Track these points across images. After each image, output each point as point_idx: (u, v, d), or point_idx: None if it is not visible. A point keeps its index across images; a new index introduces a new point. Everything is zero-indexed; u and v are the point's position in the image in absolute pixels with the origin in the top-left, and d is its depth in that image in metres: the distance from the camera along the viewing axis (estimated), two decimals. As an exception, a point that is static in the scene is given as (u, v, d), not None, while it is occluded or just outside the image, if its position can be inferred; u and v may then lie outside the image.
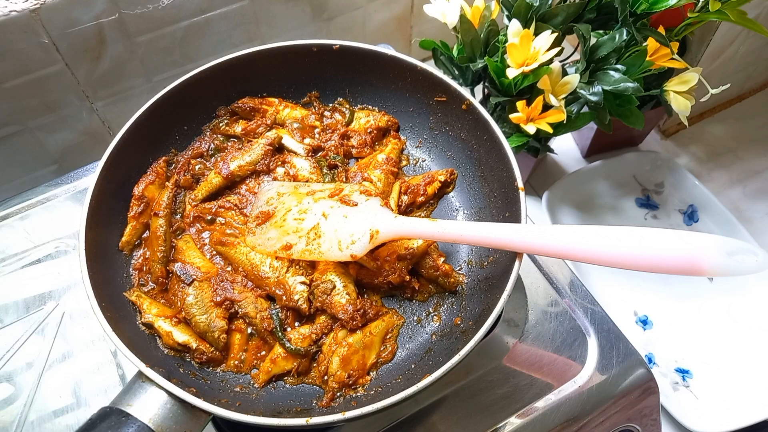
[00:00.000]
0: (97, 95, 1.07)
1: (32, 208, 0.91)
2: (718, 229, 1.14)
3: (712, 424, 0.94)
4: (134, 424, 0.57)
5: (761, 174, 1.31)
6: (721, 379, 1.00)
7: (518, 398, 0.75)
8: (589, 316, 0.82)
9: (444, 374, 0.59)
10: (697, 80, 0.92)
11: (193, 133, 0.88)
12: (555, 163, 1.30)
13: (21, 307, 0.82)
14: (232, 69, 0.84)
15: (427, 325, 0.75)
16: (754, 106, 1.41)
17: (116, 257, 0.76)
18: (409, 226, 0.68)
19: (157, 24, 1.02)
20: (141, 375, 0.60)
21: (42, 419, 0.74)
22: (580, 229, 0.59)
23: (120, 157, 0.75)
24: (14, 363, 0.78)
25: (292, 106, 0.90)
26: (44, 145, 1.09)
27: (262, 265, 0.74)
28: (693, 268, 0.52)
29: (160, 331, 0.70)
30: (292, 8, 1.14)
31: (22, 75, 0.96)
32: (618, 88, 0.91)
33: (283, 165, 0.84)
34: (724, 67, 1.22)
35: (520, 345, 0.79)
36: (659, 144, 1.34)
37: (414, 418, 0.73)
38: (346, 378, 0.68)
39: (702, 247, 0.51)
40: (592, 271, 1.11)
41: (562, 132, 0.99)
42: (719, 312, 1.08)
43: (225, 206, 0.81)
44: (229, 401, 0.64)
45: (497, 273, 0.72)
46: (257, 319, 0.71)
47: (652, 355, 1.04)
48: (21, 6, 0.88)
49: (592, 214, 1.19)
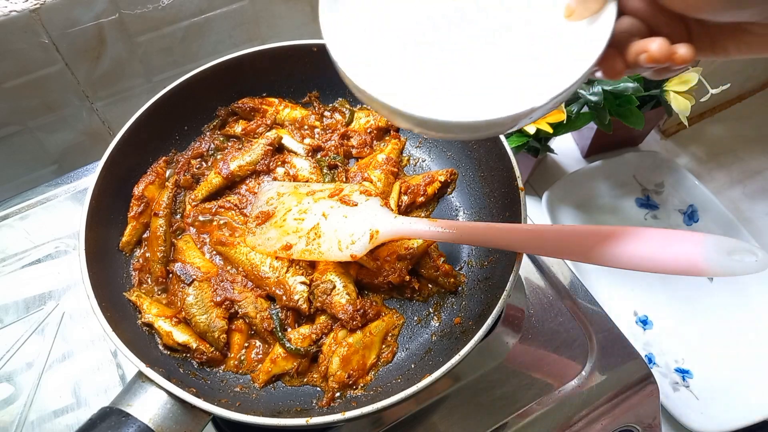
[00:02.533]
0: (97, 95, 1.07)
1: (32, 208, 0.91)
2: (718, 229, 1.14)
3: (712, 424, 0.93)
4: (134, 424, 0.57)
5: (761, 174, 1.31)
6: (721, 379, 1.00)
7: (518, 398, 0.75)
8: (589, 316, 0.82)
9: (444, 374, 0.59)
10: (697, 80, 0.92)
11: (193, 133, 0.88)
12: (555, 163, 1.30)
13: (21, 307, 0.82)
14: (232, 69, 0.84)
15: (427, 325, 0.75)
16: (754, 106, 1.40)
17: (116, 257, 0.76)
18: (409, 226, 0.68)
19: (157, 24, 1.02)
20: (141, 375, 0.60)
21: (42, 419, 0.74)
22: (580, 229, 0.59)
23: (120, 157, 0.75)
24: (14, 363, 0.78)
25: (292, 106, 0.90)
26: (44, 145, 1.09)
27: (262, 265, 0.74)
28: (693, 268, 0.52)
29: (160, 331, 0.70)
30: (292, 8, 1.14)
31: (22, 75, 0.96)
32: (618, 88, 0.91)
33: (283, 165, 0.84)
34: (724, 67, 1.22)
35: (520, 345, 0.79)
36: (659, 144, 1.34)
37: (414, 418, 0.73)
38: (346, 378, 0.68)
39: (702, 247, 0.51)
40: (592, 271, 1.11)
41: (562, 132, 0.99)
42: (719, 312, 1.08)
43: (225, 206, 0.81)
44: (229, 401, 0.64)
45: (497, 273, 0.72)
46: (257, 319, 0.71)
47: (652, 355, 1.04)
48: (21, 6, 0.88)
49: (592, 214, 1.19)
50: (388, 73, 0.52)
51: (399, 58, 0.52)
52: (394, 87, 0.51)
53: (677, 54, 0.42)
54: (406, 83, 0.51)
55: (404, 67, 0.52)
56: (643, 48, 0.43)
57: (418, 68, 0.52)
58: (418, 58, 0.52)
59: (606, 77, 0.48)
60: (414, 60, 0.52)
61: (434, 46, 0.52)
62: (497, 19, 0.52)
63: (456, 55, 0.52)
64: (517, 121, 0.48)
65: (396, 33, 0.53)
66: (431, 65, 0.52)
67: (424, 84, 0.51)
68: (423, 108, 0.47)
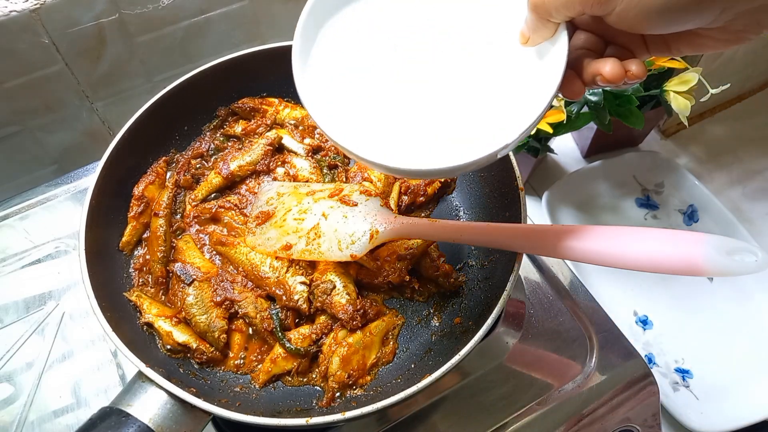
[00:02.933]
0: (97, 95, 1.07)
1: (32, 208, 0.91)
2: (718, 229, 1.14)
3: (712, 424, 0.93)
4: (134, 424, 0.57)
5: (761, 174, 1.31)
6: (721, 379, 1.00)
7: (518, 398, 0.75)
8: (589, 316, 0.82)
9: (444, 374, 0.59)
10: (697, 80, 0.92)
11: (193, 133, 0.88)
12: (555, 163, 1.30)
13: (21, 307, 0.82)
14: (232, 69, 0.84)
15: (427, 325, 0.75)
16: (754, 106, 1.40)
17: (116, 257, 0.76)
18: (409, 226, 0.68)
19: (157, 24, 1.02)
20: (141, 375, 0.60)
21: (42, 419, 0.74)
22: (580, 229, 0.59)
23: (120, 157, 0.75)
24: (14, 363, 0.78)
25: (292, 106, 0.90)
26: (44, 145, 1.09)
27: (262, 265, 0.74)
28: (692, 268, 0.52)
29: (160, 331, 0.70)
30: (292, 8, 1.14)
31: (22, 75, 0.96)
32: (618, 88, 0.91)
33: (283, 165, 0.84)
34: (724, 67, 1.22)
35: (520, 345, 0.79)
36: (659, 144, 1.34)
37: (414, 418, 0.73)
38: (346, 378, 0.68)
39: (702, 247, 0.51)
40: (592, 271, 1.11)
41: (562, 132, 0.99)
42: (719, 312, 1.08)
43: (225, 206, 0.81)
44: (229, 401, 0.64)
45: (497, 273, 0.72)
46: (257, 319, 0.71)
47: (652, 355, 1.04)
48: (21, 6, 0.88)
49: (592, 214, 1.19)
50: (362, 125, 0.54)
51: (370, 111, 0.55)
52: (370, 139, 0.53)
53: (630, 72, 0.46)
54: (380, 134, 0.54)
55: (376, 118, 0.55)
56: (597, 71, 0.47)
57: (389, 119, 0.54)
58: (387, 109, 0.54)
59: (567, 98, 0.50)
60: (383, 111, 0.55)
61: (402, 96, 0.55)
62: (461, 59, 0.54)
63: (425, 103, 0.54)
64: (494, 158, 0.50)
65: (364, 86, 0.56)
66: (401, 115, 0.54)
67: (397, 134, 0.54)
68: (400, 159, 0.51)
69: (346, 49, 0.56)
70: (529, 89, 0.50)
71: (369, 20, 0.56)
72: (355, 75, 0.55)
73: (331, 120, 0.53)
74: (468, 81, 0.53)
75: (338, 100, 0.55)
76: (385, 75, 0.55)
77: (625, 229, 0.56)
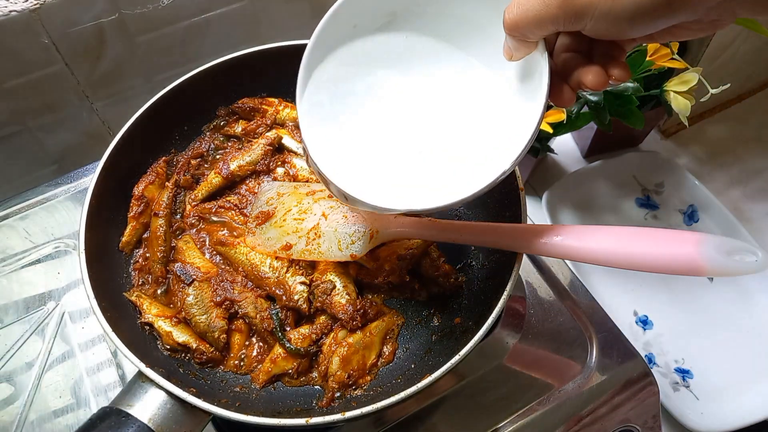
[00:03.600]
0: (97, 95, 1.07)
1: (32, 208, 0.91)
2: (718, 229, 1.14)
3: (712, 424, 0.93)
4: (134, 424, 0.57)
5: (761, 174, 1.30)
6: (722, 380, 1.00)
7: (518, 398, 0.75)
8: (589, 316, 0.82)
9: (444, 374, 0.59)
10: (697, 80, 0.92)
11: (193, 133, 0.88)
12: (555, 163, 1.30)
13: (21, 307, 0.82)
14: (232, 69, 0.84)
15: (427, 325, 0.75)
16: (754, 106, 1.40)
17: (116, 257, 0.76)
18: (409, 226, 0.68)
19: (157, 24, 1.02)
20: (141, 375, 0.60)
21: (42, 419, 0.74)
22: (580, 228, 0.59)
23: (120, 157, 0.75)
24: (14, 363, 0.78)
25: (292, 106, 0.90)
26: (44, 145, 1.09)
27: (262, 265, 0.74)
28: (692, 268, 0.52)
29: (160, 331, 0.70)
30: (292, 8, 1.14)
31: (22, 75, 0.96)
32: (618, 88, 0.91)
33: (283, 165, 0.84)
34: (724, 67, 1.22)
35: (520, 345, 0.79)
36: (659, 144, 1.34)
37: (414, 418, 0.73)
38: (346, 378, 0.68)
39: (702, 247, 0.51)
40: (592, 271, 1.11)
41: (562, 132, 0.99)
42: (719, 312, 1.08)
43: (225, 206, 0.81)
44: (229, 401, 0.64)
45: (497, 273, 0.72)
46: (257, 319, 0.71)
47: (652, 355, 1.04)
48: (21, 6, 0.88)
49: (592, 214, 1.19)
50: (359, 170, 0.58)
51: (367, 156, 0.58)
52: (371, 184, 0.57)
53: (613, 77, 0.48)
54: (379, 180, 0.57)
55: (373, 164, 0.58)
56: (581, 81, 0.49)
57: (386, 164, 0.58)
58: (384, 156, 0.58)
59: (558, 106, 0.51)
60: (379, 156, 0.58)
61: (398, 141, 0.58)
62: (449, 92, 0.57)
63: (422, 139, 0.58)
64: (494, 186, 0.53)
65: (361, 134, 0.59)
66: (399, 159, 0.58)
67: (396, 177, 0.57)
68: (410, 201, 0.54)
69: (338, 85, 0.58)
70: (516, 112, 0.53)
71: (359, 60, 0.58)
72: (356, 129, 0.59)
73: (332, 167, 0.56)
74: (457, 116, 0.57)
75: (340, 153, 0.58)
76: (381, 123, 0.59)
77: (625, 229, 0.56)
